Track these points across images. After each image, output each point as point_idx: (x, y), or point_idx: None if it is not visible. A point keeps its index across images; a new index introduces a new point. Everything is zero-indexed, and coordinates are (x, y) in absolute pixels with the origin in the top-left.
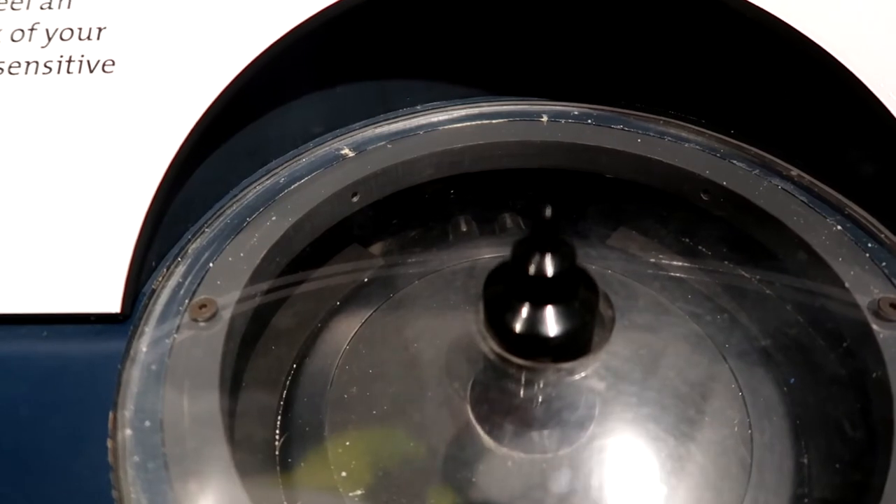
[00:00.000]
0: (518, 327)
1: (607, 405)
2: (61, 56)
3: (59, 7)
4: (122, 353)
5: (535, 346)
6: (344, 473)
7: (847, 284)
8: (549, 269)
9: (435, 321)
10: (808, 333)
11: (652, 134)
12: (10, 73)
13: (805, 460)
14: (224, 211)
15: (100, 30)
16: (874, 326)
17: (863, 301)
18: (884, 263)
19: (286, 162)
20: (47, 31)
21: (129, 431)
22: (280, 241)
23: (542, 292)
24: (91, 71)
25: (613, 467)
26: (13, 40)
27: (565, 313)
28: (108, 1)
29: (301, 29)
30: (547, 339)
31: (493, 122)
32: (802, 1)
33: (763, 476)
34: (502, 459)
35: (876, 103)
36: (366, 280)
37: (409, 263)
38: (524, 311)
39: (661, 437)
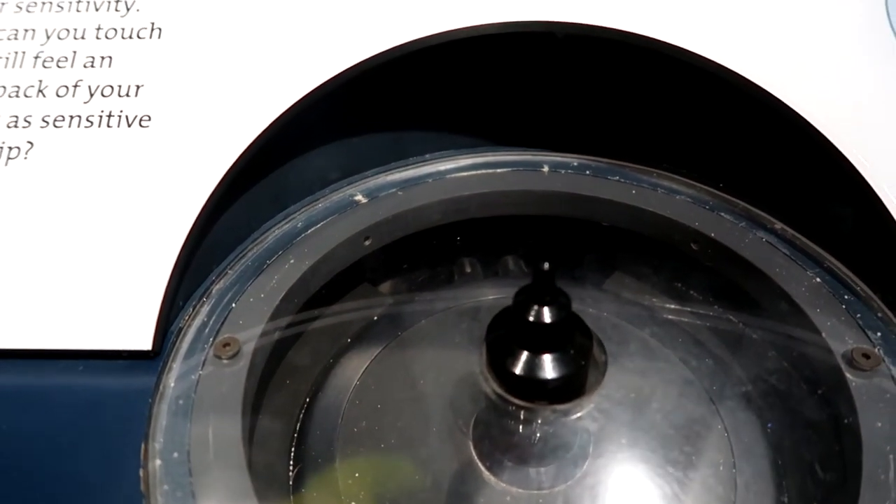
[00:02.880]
0: (517, 371)
1: (600, 445)
2: (102, 111)
3: (101, 66)
4: (153, 387)
5: (533, 389)
6: (353, 503)
7: (824, 334)
8: (547, 318)
9: (440, 360)
10: (789, 379)
11: (646, 186)
12: (55, 126)
13: (786, 500)
14: (246, 253)
15: (138, 87)
16: (847, 375)
17: (838, 350)
18: (858, 315)
19: (304, 207)
20: (89, 87)
21: (158, 462)
22: (297, 283)
23: (540, 339)
24: (129, 125)
25: None
26: (58, 96)
27: (561, 358)
28: (146, 60)
29: (322, 88)
30: (544, 382)
31: (498, 171)
32: (787, 76)
33: None
34: (501, 494)
35: (850, 168)
36: (376, 319)
37: (417, 303)
38: (523, 356)
39: (651, 477)
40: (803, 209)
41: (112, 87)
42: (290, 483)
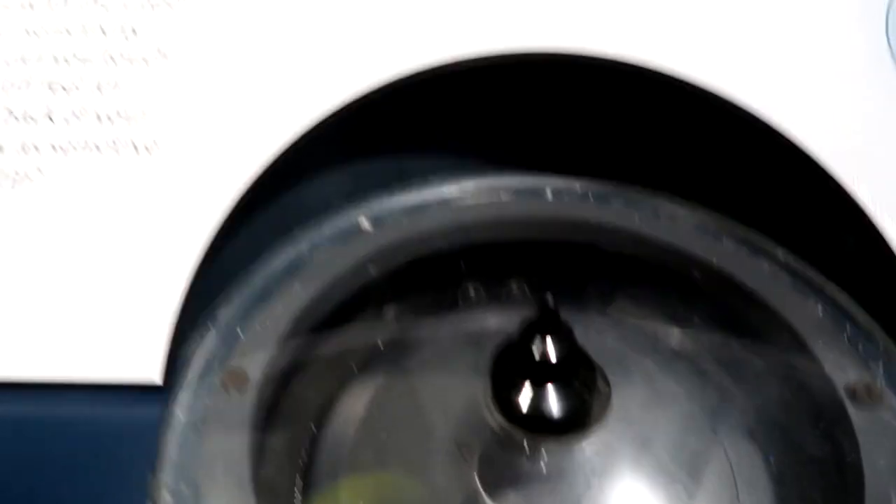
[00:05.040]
0: (521, 405)
1: (604, 478)
2: (109, 137)
3: (108, 92)
4: (160, 419)
5: (536, 422)
6: None
7: (826, 366)
8: (552, 356)
9: (445, 390)
10: (791, 412)
11: (648, 211)
12: (63, 151)
13: None
14: (251, 280)
15: (145, 113)
16: (850, 409)
17: (840, 382)
18: (860, 346)
19: (309, 233)
20: (97, 113)
21: (167, 495)
22: (304, 310)
23: (544, 374)
24: (136, 151)
25: None
26: (66, 122)
27: (564, 392)
28: (153, 86)
29: (330, 117)
30: (548, 416)
31: (502, 197)
32: (786, 104)
33: None
34: None
35: (849, 198)
36: (381, 347)
37: (423, 330)
38: (528, 390)
39: None
40: (805, 237)
41: (119, 113)
42: None
